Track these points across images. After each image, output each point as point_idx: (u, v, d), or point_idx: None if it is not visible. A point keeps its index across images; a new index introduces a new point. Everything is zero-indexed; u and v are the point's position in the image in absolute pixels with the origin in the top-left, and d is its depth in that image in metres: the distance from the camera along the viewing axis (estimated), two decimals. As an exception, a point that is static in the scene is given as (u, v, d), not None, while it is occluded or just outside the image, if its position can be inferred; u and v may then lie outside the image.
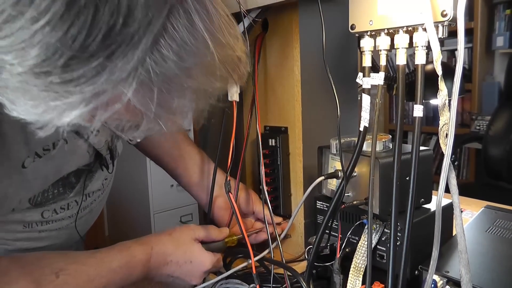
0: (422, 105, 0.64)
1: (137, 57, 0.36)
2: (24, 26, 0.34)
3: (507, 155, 2.37)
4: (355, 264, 0.75)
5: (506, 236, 0.86)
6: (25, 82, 0.37)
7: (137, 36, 0.36)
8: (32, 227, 0.74)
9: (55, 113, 0.39)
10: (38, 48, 0.34)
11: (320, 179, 0.81)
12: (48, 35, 0.34)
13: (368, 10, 0.70)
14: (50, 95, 0.37)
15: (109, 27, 0.34)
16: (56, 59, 0.35)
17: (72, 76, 0.36)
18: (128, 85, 0.37)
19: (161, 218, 2.61)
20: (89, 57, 0.35)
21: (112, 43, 0.35)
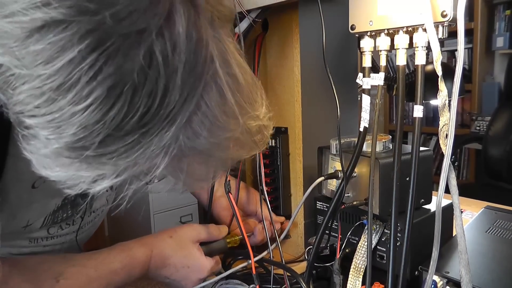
0: (422, 105, 0.64)
1: (171, 134, 0.38)
2: (64, 107, 0.35)
3: (507, 155, 2.37)
4: (355, 264, 0.75)
5: (506, 236, 0.86)
6: (58, 154, 0.37)
7: (172, 115, 0.37)
8: (37, 242, 0.75)
9: (86, 180, 0.40)
10: (76, 128, 0.35)
11: (320, 180, 0.81)
12: (87, 117, 0.35)
13: (368, 11, 0.70)
14: (82, 166, 0.38)
15: (147, 108, 0.35)
16: (92, 138, 0.36)
17: (107, 151, 0.37)
18: (160, 159, 0.39)
19: (161, 218, 2.61)
20: (125, 135, 0.36)
21: (148, 122, 0.36)
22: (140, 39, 0.34)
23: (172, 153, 0.39)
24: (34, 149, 0.39)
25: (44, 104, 0.35)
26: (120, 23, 0.33)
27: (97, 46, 0.33)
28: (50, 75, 0.34)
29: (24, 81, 0.35)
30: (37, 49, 0.33)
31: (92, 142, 0.36)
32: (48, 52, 0.33)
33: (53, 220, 0.74)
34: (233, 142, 0.43)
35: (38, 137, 0.37)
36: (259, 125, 0.46)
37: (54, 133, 0.36)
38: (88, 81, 0.34)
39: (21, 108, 0.36)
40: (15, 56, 0.34)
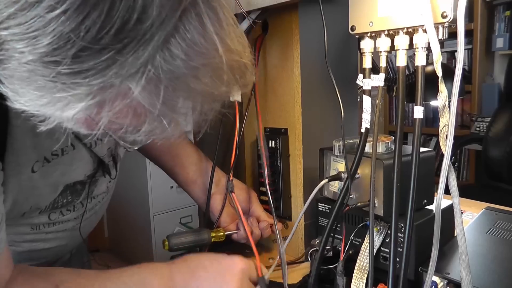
0: (422, 106, 0.64)
1: (148, 54, 0.37)
2: (39, 14, 0.34)
3: (507, 156, 2.37)
4: (359, 265, 0.75)
5: (507, 237, 0.86)
6: (32, 72, 0.37)
7: (149, 34, 0.36)
8: (39, 229, 0.75)
9: (59, 104, 0.39)
10: (51, 37, 0.35)
11: (324, 182, 0.81)
12: (62, 25, 0.34)
13: (368, 12, 0.70)
14: (56, 85, 0.37)
15: (123, 22, 0.35)
16: (67, 49, 0.35)
17: (82, 67, 0.36)
18: (136, 80, 0.38)
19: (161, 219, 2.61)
20: (100, 50, 0.35)
21: (124, 38, 0.35)
22: None
23: (148, 75, 0.38)
24: (8, 72, 0.38)
25: (20, 13, 0.35)
26: None
27: None
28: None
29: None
30: None
31: (66, 55, 0.35)
32: None
33: (53, 206, 0.74)
34: (212, 72, 0.41)
35: (13, 54, 0.36)
36: (241, 62, 0.44)
37: (29, 45, 0.35)
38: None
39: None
40: None
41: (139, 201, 2.60)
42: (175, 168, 0.99)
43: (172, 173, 1.00)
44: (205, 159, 1.00)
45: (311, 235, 0.96)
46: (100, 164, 0.80)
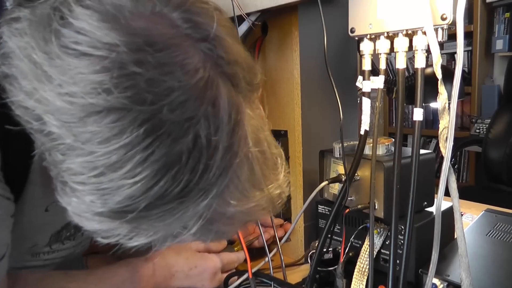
0: (422, 108, 0.64)
1: (206, 203, 0.42)
2: (114, 180, 0.38)
3: (507, 158, 2.37)
4: (359, 267, 0.75)
5: (507, 239, 0.85)
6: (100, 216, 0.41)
7: (208, 187, 0.41)
8: (39, 256, 0.75)
9: (122, 234, 0.44)
10: (122, 197, 0.39)
11: (324, 184, 0.81)
12: (134, 190, 0.38)
13: (368, 14, 0.71)
14: (122, 225, 0.42)
15: (187, 182, 0.39)
16: (135, 205, 0.39)
17: (147, 215, 0.41)
18: (193, 222, 0.43)
19: (161, 221, 2.61)
20: (165, 204, 0.40)
21: (187, 194, 0.40)
22: (189, 125, 0.38)
23: (204, 218, 0.43)
24: (74, 206, 0.42)
25: (95, 176, 0.38)
26: (173, 112, 0.37)
27: (152, 132, 0.37)
28: (105, 154, 0.37)
29: (77, 153, 0.38)
30: (94, 130, 0.37)
31: (135, 208, 0.40)
32: (105, 134, 0.37)
33: (56, 239, 0.75)
34: (259, 209, 0.48)
35: (82, 199, 0.40)
36: (280, 192, 0.50)
37: (99, 199, 0.40)
38: (140, 162, 0.38)
39: (70, 175, 0.40)
40: (71, 131, 0.37)
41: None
42: None
43: None
44: None
45: (311, 237, 0.96)
46: None
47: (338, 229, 0.83)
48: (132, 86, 0.37)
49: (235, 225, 0.50)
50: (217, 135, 0.40)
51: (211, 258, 0.82)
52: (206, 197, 0.41)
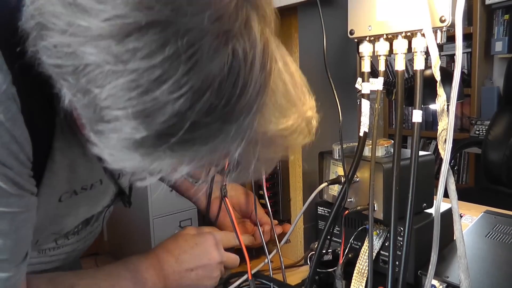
0: (421, 110, 0.64)
1: (248, 121, 0.43)
2: (158, 97, 0.38)
3: (507, 159, 2.37)
4: (359, 269, 0.75)
5: (506, 241, 0.86)
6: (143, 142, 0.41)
7: (249, 104, 0.42)
8: (45, 253, 0.75)
9: (166, 168, 0.44)
10: (167, 116, 0.39)
11: (323, 186, 0.81)
12: (180, 106, 0.39)
13: (367, 16, 0.71)
14: (166, 153, 0.42)
15: (229, 98, 0.40)
16: (181, 124, 0.40)
17: (192, 137, 0.41)
18: (237, 144, 0.44)
19: (160, 222, 2.61)
20: (209, 123, 0.41)
21: (230, 111, 0.41)
22: (227, 38, 0.39)
23: (247, 138, 0.44)
24: (114, 144, 0.42)
25: (138, 96, 0.38)
26: (213, 24, 0.38)
27: (194, 42, 0.38)
28: (148, 68, 0.38)
29: (118, 76, 0.38)
30: (137, 46, 0.37)
31: (180, 128, 0.40)
32: (149, 49, 0.37)
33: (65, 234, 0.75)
34: (294, 129, 0.50)
35: (123, 129, 0.40)
36: (312, 115, 0.53)
37: (143, 123, 0.40)
38: (184, 73, 0.38)
39: (110, 102, 0.39)
40: (111, 54, 0.37)
41: (138, 204, 2.60)
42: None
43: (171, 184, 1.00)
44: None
45: (311, 239, 0.96)
46: (119, 194, 0.81)
47: (337, 231, 0.83)
48: (172, 1, 0.37)
49: (276, 152, 0.51)
50: (251, 52, 0.41)
51: (206, 232, 0.83)
52: (248, 115, 0.42)
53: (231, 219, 0.86)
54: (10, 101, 0.49)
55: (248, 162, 0.48)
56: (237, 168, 0.49)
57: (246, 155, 0.46)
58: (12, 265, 0.54)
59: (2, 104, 0.48)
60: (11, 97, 0.49)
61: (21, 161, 0.52)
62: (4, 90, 0.48)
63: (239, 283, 0.83)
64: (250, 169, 0.49)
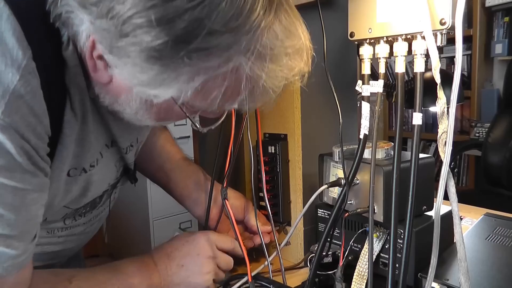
0: (421, 113, 0.64)
1: (258, 34, 0.47)
2: (179, 4, 0.43)
3: (507, 162, 2.37)
4: (359, 271, 0.75)
5: (506, 244, 0.85)
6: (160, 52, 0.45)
7: (258, 19, 0.46)
8: (54, 233, 0.76)
9: (183, 78, 0.48)
10: (187, 22, 0.43)
11: (323, 188, 0.81)
12: (199, 12, 0.43)
13: (367, 18, 0.71)
14: (184, 62, 0.46)
15: (242, 10, 0.45)
16: (199, 31, 0.44)
17: (208, 45, 0.45)
18: (248, 56, 0.48)
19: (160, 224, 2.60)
20: (224, 32, 0.45)
21: (243, 22, 0.45)
22: None
23: (257, 51, 0.48)
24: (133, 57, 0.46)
25: (161, 3, 0.43)
26: None
27: None
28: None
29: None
30: None
31: (197, 34, 0.44)
32: None
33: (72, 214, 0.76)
34: (297, 49, 0.53)
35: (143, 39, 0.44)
36: (309, 46, 0.56)
37: (164, 29, 0.44)
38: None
39: (134, 11, 0.43)
40: None
41: (138, 206, 2.59)
42: (169, 184, 0.99)
43: (167, 189, 1.01)
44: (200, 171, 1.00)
45: (311, 241, 0.96)
46: (124, 172, 0.82)
47: (337, 233, 0.83)
48: None
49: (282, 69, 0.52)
50: None
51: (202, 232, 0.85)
52: (258, 27, 0.47)
53: (231, 220, 0.86)
54: (30, 75, 0.51)
55: (257, 77, 0.50)
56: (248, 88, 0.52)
57: (256, 69, 0.49)
58: (21, 243, 0.55)
59: (22, 78, 0.50)
60: (31, 71, 0.51)
61: (39, 135, 0.54)
62: (25, 65, 0.50)
63: (239, 285, 0.83)
64: (260, 85, 0.52)
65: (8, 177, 0.51)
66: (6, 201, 0.52)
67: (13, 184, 0.52)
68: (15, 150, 0.50)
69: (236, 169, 1.09)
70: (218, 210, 0.94)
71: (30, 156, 0.53)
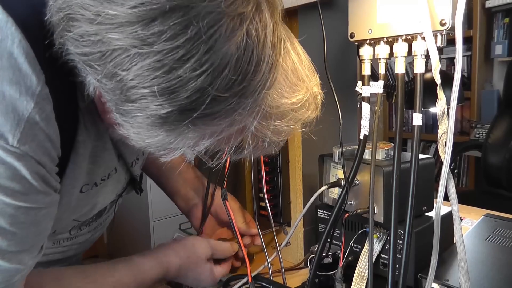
0: (421, 113, 0.64)
1: (262, 96, 0.48)
2: (182, 75, 0.42)
3: (507, 163, 2.37)
4: (359, 272, 0.75)
5: (506, 244, 0.86)
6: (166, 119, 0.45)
7: (263, 80, 0.47)
8: (59, 243, 0.76)
9: (189, 142, 0.49)
10: (190, 92, 0.43)
11: (324, 188, 0.81)
12: (202, 82, 0.43)
13: (368, 19, 0.71)
14: (189, 128, 0.46)
15: (245, 74, 0.45)
16: (203, 99, 0.44)
17: (213, 111, 0.45)
18: (253, 118, 0.49)
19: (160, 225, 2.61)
20: (228, 96, 0.45)
21: (246, 86, 0.45)
22: (242, 19, 0.44)
23: (262, 112, 0.49)
24: (140, 122, 0.46)
25: (164, 74, 0.42)
26: (229, 7, 0.42)
27: (214, 24, 0.42)
28: (173, 49, 0.41)
29: (144, 57, 0.42)
30: (162, 30, 0.41)
31: (202, 103, 0.44)
32: (173, 31, 0.41)
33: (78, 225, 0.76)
34: (304, 103, 0.55)
35: (148, 107, 0.44)
36: (318, 91, 0.59)
37: (168, 99, 0.43)
38: (206, 51, 0.42)
39: (137, 82, 0.43)
40: (138, 38, 0.41)
41: (138, 206, 2.59)
42: (161, 179, 1.00)
43: (159, 183, 1.01)
44: (190, 168, 1.00)
45: (311, 241, 0.96)
46: (130, 182, 0.82)
47: (337, 234, 0.83)
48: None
49: (289, 124, 0.55)
50: (263, 31, 0.45)
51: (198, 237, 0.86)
52: (262, 89, 0.47)
53: (231, 221, 0.85)
54: (45, 101, 0.51)
55: (263, 135, 0.52)
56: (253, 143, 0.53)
57: (261, 128, 0.51)
58: (30, 257, 0.56)
59: (37, 105, 0.50)
60: (46, 97, 0.51)
61: (52, 158, 0.54)
62: (39, 91, 0.50)
63: (239, 285, 0.83)
64: (265, 142, 0.53)
65: (23, 200, 0.51)
66: (19, 220, 0.52)
67: (26, 206, 0.52)
68: (31, 176, 0.51)
69: (236, 170, 1.10)
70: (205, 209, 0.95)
71: (44, 178, 0.53)
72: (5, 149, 0.48)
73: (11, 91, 0.48)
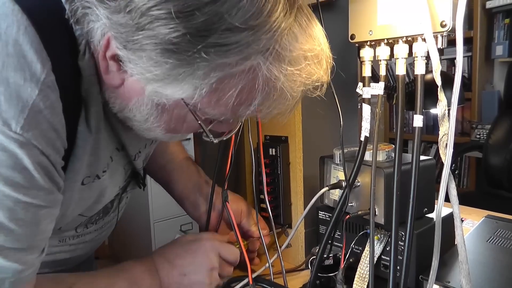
0: (421, 115, 0.64)
1: (278, 35, 0.48)
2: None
3: (508, 163, 2.37)
4: (360, 273, 0.75)
5: (507, 246, 0.85)
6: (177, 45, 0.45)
7: (278, 22, 0.47)
8: (65, 241, 0.76)
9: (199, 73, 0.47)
10: (208, 15, 0.43)
11: (324, 190, 0.81)
12: (220, 6, 0.43)
13: (368, 20, 0.71)
14: (201, 56, 0.45)
15: (262, 10, 0.45)
16: (218, 25, 0.44)
17: (227, 41, 0.45)
18: (266, 57, 0.48)
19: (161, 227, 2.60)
20: (244, 29, 0.45)
21: (262, 22, 0.45)
22: None
23: (276, 52, 0.48)
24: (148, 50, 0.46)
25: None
26: None
27: None
28: None
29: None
30: None
31: (216, 29, 0.44)
32: None
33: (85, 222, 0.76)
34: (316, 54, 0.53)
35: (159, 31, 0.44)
36: (329, 55, 0.57)
37: (182, 22, 0.43)
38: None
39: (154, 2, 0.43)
40: None
41: (139, 208, 2.59)
42: (170, 184, 0.99)
43: (167, 189, 1.01)
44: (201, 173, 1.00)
45: (312, 243, 0.96)
46: (133, 177, 0.82)
47: (338, 235, 0.83)
48: None
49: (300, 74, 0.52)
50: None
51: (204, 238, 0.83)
52: (278, 28, 0.47)
53: (232, 222, 0.85)
54: (49, 89, 0.50)
55: (275, 78, 0.50)
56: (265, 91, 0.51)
57: (274, 69, 0.49)
58: (28, 258, 0.55)
59: (41, 92, 0.49)
60: (51, 84, 0.50)
61: (57, 149, 0.53)
62: (44, 78, 0.49)
63: (240, 287, 0.83)
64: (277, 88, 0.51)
65: (23, 193, 0.51)
66: (17, 216, 0.51)
67: (27, 200, 0.51)
68: (33, 166, 0.50)
69: (237, 172, 1.10)
70: (217, 213, 0.94)
71: (47, 171, 0.52)
72: (7, 135, 0.48)
73: (15, 78, 0.48)
